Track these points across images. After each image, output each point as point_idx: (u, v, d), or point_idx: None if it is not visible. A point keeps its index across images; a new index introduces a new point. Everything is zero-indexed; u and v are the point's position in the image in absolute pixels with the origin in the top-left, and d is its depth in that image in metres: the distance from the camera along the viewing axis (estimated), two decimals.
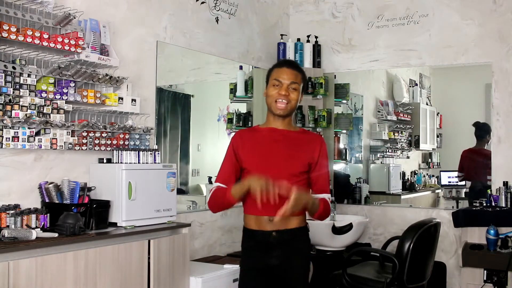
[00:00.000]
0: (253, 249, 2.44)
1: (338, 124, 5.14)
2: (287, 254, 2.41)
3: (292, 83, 2.40)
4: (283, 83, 2.40)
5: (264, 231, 2.40)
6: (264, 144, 2.44)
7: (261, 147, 2.44)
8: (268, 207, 2.30)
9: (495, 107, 4.37)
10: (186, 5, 4.13)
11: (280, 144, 2.42)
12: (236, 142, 2.49)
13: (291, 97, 2.40)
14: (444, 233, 4.33)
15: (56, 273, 2.61)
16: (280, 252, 2.40)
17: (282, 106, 2.40)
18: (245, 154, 2.44)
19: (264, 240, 2.40)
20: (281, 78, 2.41)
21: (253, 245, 2.44)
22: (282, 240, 2.39)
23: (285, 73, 2.42)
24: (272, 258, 2.40)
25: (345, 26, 5.09)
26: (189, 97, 4.49)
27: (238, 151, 2.46)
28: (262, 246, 2.41)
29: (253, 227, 2.43)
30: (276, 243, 2.39)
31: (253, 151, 2.42)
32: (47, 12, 2.99)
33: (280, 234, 2.39)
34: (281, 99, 2.39)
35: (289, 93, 2.40)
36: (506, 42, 4.36)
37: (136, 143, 3.47)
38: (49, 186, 2.98)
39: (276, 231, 2.39)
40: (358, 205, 5.00)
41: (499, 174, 4.31)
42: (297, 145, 2.45)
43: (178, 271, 3.28)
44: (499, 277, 3.83)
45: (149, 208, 3.24)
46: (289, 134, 2.46)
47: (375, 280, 3.59)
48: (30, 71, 2.89)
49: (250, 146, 2.44)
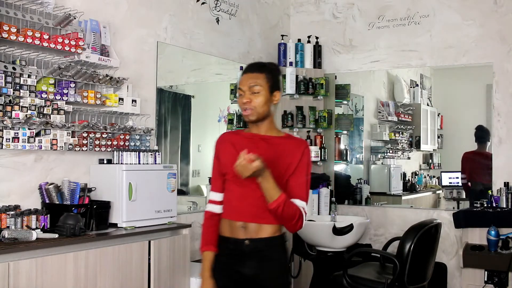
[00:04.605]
0: (227, 256, 2.32)
1: (339, 124, 5.14)
2: (262, 264, 2.28)
3: (252, 87, 2.28)
4: (244, 91, 2.31)
5: (237, 239, 2.29)
6: (243, 149, 2.27)
7: (240, 153, 2.28)
8: (243, 213, 2.26)
9: (496, 107, 4.37)
10: (187, 6, 4.13)
11: (260, 150, 2.28)
12: (218, 145, 2.41)
13: (254, 102, 2.28)
14: (445, 234, 4.32)
15: (56, 274, 2.61)
16: (254, 262, 2.28)
17: (247, 113, 2.29)
18: (225, 159, 2.35)
19: (237, 248, 2.29)
20: (241, 86, 2.32)
21: (226, 253, 2.32)
22: (256, 250, 2.27)
23: (243, 79, 2.32)
24: (245, 268, 2.28)
25: (345, 27, 5.09)
26: (189, 97, 4.48)
27: (219, 155, 2.39)
28: (236, 254, 2.30)
29: (226, 234, 2.32)
30: (249, 252, 2.28)
31: (233, 156, 2.27)
32: (47, 13, 2.99)
33: (254, 243, 2.27)
34: (245, 107, 2.29)
35: (251, 100, 2.28)
36: (507, 42, 4.35)
37: (136, 144, 3.47)
38: (49, 187, 2.98)
39: (249, 240, 2.27)
40: (358, 206, 4.99)
41: (500, 175, 4.30)
42: (278, 150, 2.32)
43: (179, 272, 3.27)
44: (500, 278, 3.82)
45: (149, 209, 3.24)
46: (270, 140, 2.34)
47: (375, 281, 3.58)
48: (30, 71, 2.89)
49: (231, 151, 2.34)
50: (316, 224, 4.24)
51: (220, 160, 2.37)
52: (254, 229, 2.27)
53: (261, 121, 2.33)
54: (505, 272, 3.80)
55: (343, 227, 4.15)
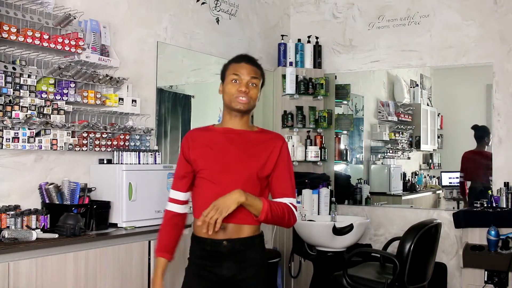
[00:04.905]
0: (203, 259, 2.25)
1: (339, 125, 5.14)
2: (240, 265, 2.23)
3: (253, 78, 2.25)
4: (242, 79, 2.23)
5: (215, 240, 2.20)
6: (218, 145, 2.26)
7: (215, 149, 2.26)
8: None
9: (496, 107, 4.37)
10: (187, 6, 4.13)
11: (236, 146, 2.24)
12: (187, 143, 2.31)
13: (251, 93, 2.24)
14: (445, 234, 4.32)
15: (56, 274, 2.61)
16: (232, 263, 2.22)
17: (243, 101, 2.23)
18: (198, 157, 2.26)
19: (214, 249, 2.22)
20: (240, 73, 2.24)
21: (203, 254, 2.25)
22: (234, 250, 2.21)
23: (244, 68, 2.26)
24: (223, 269, 2.22)
25: (345, 27, 5.09)
26: (189, 97, 4.48)
27: (188, 154, 2.28)
28: (213, 256, 2.23)
29: (203, 235, 2.20)
30: (227, 253, 2.21)
31: (207, 154, 2.24)
32: (47, 13, 2.99)
33: (232, 244, 2.21)
34: (241, 96, 2.22)
35: (249, 90, 2.23)
36: (507, 42, 4.35)
37: (136, 144, 3.47)
38: (49, 187, 2.98)
39: (227, 240, 2.20)
40: (358, 206, 4.99)
41: (500, 175, 4.30)
42: (254, 145, 2.26)
43: (179, 272, 3.26)
44: (500, 278, 3.82)
45: (149, 209, 3.23)
46: (245, 134, 2.28)
47: (375, 281, 3.58)
48: (30, 71, 2.89)
49: (203, 148, 2.27)
50: (316, 224, 4.24)
51: (191, 158, 2.28)
52: (233, 229, 2.21)
53: (245, 114, 2.29)
54: (505, 272, 3.80)
55: (343, 227, 4.15)
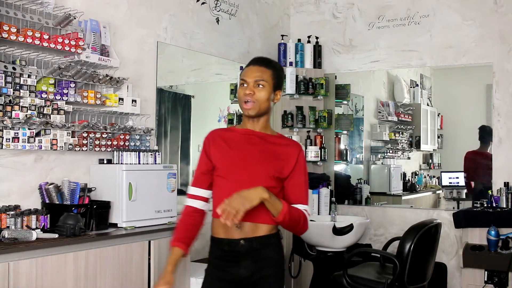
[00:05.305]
0: (221, 259, 2.27)
1: (339, 124, 5.14)
2: (257, 264, 2.24)
3: (258, 80, 2.25)
4: (248, 82, 2.25)
5: (232, 239, 2.23)
6: (237, 145, 2.29)
7: (235, 149, 2.29)
8: None
9: (496, 107, 4.37)
10: (187, 6, 4.13)
11: (255, 147, 2.27)
12: (208, 141, 2.36)
13: (257, 95, 2.24)
14: (444, 234, 4.32)
15: (56, 274, 2.61)
16: (249, 262, 2.23)
17: (248, 106, 2.25)
18: (217, 155, 2.30)
19: (231, 249, 2.24)
20: (246, 77, 2.26)
21: (221, 255, 2.27)
22: (251, 249, 2.23)
23: (250, 71, 2.27)
24: (241, 269, 2.23)
25: (345, 27, 5.09)
26: (189, 97, 4.48)
27: (209, 151, 2.33)
28: (230, 256, 2.25)
29: (221, 235, 2.26)
30: (244, 252, 2.23)
31: (226, 152, 2.28)
32: (47, 13, 2.99)
33: (249, 243, 2.23)
34: (247, 99, 2.24)
35: (254, 92, 2.23)
36: (507, 42, 4.35)
37: (136, 144, 3.47)
38: (49, 187, 2.98)
39: (245, 239, 2.22)
40: (358, 206, 4.99)
41: (500, 175, 4.30)
42: (273, 149, 2.29)
43: (179, 272, 3.26)
44: (500, 278, 3.82)
45: (149, 209, 3.23)
46: (265, 137, 2.30)
47: (375, 281, 3.58)
48: (30, 71, 2.89)
49: (223, 147, 2.31)
50: (316, 224, 4.24)
51: (211, 156, 2.31)
52: (250, 228, 2.22)
53: (259, 117, 2.30)
54: (505, 272, 3.80)
55: (343, 227, 4.15)
